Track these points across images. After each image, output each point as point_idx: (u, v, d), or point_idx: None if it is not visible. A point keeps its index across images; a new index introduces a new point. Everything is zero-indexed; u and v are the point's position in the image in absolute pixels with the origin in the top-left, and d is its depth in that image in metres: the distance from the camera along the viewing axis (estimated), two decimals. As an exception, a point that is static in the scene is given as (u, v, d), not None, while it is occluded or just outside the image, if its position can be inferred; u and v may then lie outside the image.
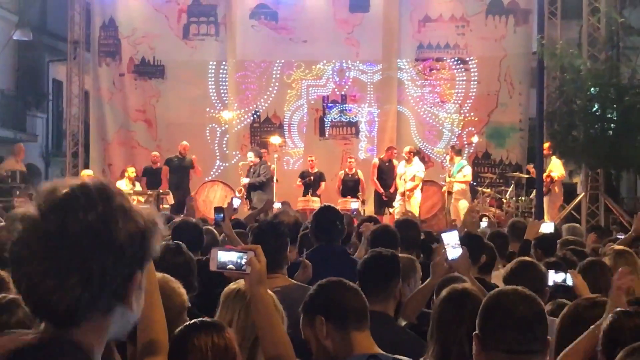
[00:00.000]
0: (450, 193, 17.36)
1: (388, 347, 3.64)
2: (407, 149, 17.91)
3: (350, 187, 17.98)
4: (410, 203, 17.31)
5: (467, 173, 17.53)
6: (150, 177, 18.53)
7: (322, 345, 3.49)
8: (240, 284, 3.71)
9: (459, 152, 18.05)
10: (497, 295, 3.23)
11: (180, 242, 4.91)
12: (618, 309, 3.69)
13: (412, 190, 17.35)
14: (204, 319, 3.11)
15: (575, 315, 4.07)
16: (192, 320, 3.07)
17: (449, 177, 17.46)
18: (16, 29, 22.31)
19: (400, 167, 17.81)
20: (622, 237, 8.88)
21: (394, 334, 4.32)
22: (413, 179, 17.34)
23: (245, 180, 17.52)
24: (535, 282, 4.84)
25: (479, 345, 3.15)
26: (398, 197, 17.57)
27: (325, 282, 3.67)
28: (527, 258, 6.12)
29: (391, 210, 17.48)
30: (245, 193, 17.47)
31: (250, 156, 17.91)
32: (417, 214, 16.62)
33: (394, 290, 4.66)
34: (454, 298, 3.84)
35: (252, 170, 17.67)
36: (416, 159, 17.68)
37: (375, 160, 18.60)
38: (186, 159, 18.49)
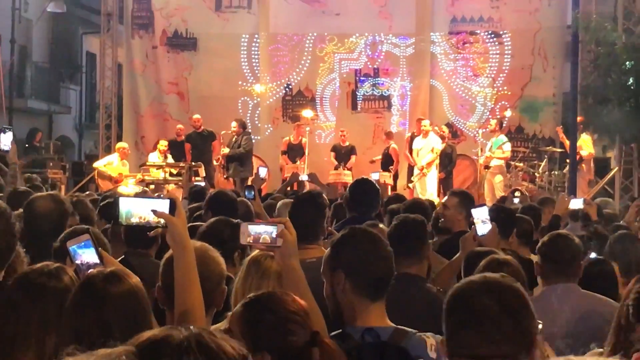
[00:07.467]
0: (487, 167, 17.28)
1: (425, 307, 3.97)
2: (426, 122, 17.84)
3: (383, 161, 17.98)
4: (426, 179, 17.29)
5: (507, 149, 17.40)
6: (175, 151, 18.18)
7: (336, 299, 3.27)
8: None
9: (501, 126, 17.93)
10: (461, 286, 2.64)
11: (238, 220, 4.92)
12: None
13: (430, 163, 17.30)
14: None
15: None
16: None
17: (489, 151, 17.33)
18: (50, 2, 22.42)
19: (417, 142, 17.77)
20: None
21: (429, 293, 4.50)
22: (432, 150, 17.30)
23: (226, 151, 17.26)
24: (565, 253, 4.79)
25: (444, 351, 2.62)
26: (416, 171, 17.54)
27: (360, 236, 3.37)
28: (561, 231, 6.03)
29: (410, 185, 17.45)
30: (223, 163, 17.33)
31: (234, 125, 17.36)
32: (431, 193, 16.68)
33: (426, 253, 4.82)
34: (492, 266, 4.04)
35: (234, 140, 17.27)
36: (431, 133, 17.59)
37: (408, 134, 18.59)
38: (204, 132, 18.20)
